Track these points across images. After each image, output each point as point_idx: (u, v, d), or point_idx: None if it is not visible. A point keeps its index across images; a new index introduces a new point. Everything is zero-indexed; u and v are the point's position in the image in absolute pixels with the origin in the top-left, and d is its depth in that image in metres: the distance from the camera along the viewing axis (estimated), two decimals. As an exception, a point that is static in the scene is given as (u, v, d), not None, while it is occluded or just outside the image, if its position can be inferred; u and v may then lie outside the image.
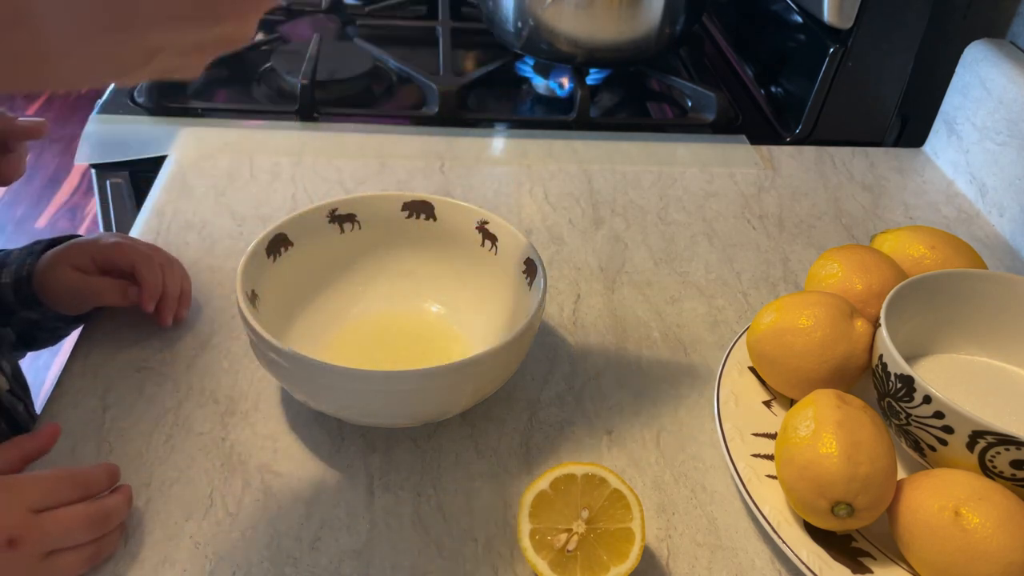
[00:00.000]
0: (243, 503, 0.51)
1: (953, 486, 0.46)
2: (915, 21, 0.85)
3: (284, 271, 0.59)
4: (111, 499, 0.47)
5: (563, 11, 0.90)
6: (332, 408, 0.52)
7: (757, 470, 0.53)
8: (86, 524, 0.45)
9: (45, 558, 0.44)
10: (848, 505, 0.46)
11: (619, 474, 0.48)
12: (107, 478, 0.48)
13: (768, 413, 0.57)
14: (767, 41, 1.01)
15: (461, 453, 0.55)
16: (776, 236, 0.78)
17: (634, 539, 0.46)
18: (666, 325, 0.66)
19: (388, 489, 0.52)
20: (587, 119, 0.91)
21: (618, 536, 0.46)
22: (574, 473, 0.48)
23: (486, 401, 0.57)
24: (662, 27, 0.93)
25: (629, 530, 0.46)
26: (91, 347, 0.60)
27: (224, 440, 0.55)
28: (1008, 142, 0.80)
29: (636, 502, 0.47)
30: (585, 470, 0.48)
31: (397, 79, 0.97)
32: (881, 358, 0.52)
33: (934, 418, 0.49)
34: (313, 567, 0.48)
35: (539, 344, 0.63)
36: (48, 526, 0.44)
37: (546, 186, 0.81)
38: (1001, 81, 0.81)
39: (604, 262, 0.72)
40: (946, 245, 0.63)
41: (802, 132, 0.92)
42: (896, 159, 0.91)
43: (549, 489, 0.47)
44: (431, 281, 0.64)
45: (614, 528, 0.46)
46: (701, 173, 0.85)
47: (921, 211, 0.84)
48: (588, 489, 0.47)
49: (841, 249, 0.62)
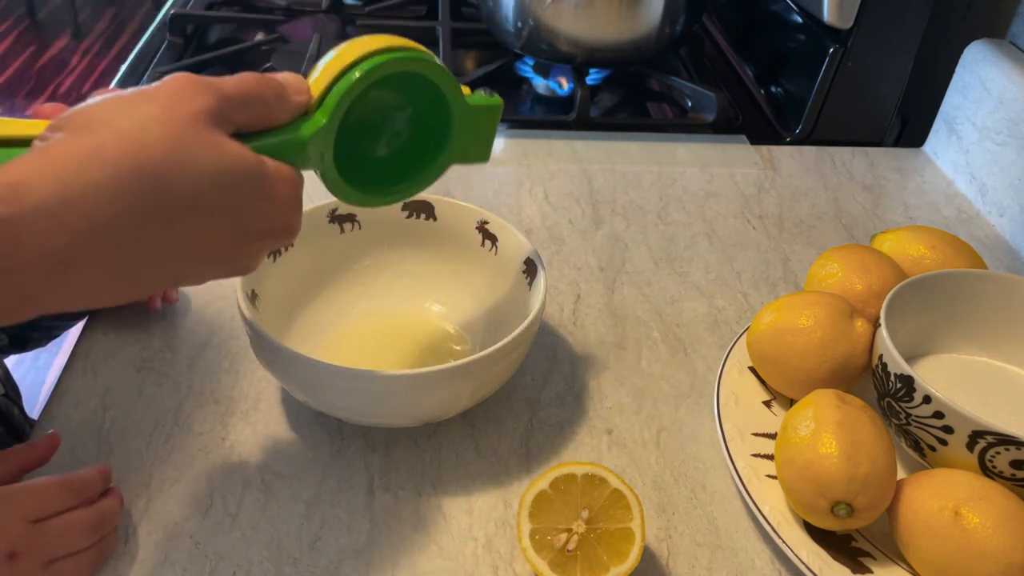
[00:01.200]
0: (243, 503, 0.51)
1: (953, 486, 0.46)
2: (915, 21, 0.85)
3: (284, 271, 0.59)
4: (105, 502, 0.47)
5: (563, 11, 0.90)
6: (332, 408, 0.52)
7: (757, 470, 0.53)
8: (84, 529, 0.45)
9: (47, 567, 0.44)
10: (848, 505, 0.46)
11: (619, 474, 0.48)
12: (101, 480, 0.48)
13: (768, 413, 0.57)
14: (767, 41, 1.01)
15: (461, 453, 0.55)
16: (776, 236, 0.78)
17: (634, 539, 0.46)
18: (666, 325, 0.66)
19: (388, 489, 0.52)
20: (587, 119, 0.91)
21: (618, 536, 0.46)
22: (574, 473, 0.48)
23: (486, 401, 0.57)
24: (662, 27, 0.93)
25: (629, 530, 0.46)
26: (91, 347, 0.60)
27: (224, 440, 0.55)
28: (1008, 142, 0.80)
29: (636, 502, 0.47)
30: (585, 470, 0.48)
31: (397, 79, 0.97)
32: (881, 358, 0.52)
33: (934, 418, 0.49)
34: (313, 567, 0.48)
35: (539, 344, 0.63)
36: (47, 535, 0.44)
37: (546, 186, 0.81)
38: (1001, 81, 0.81)
39: (604, 262, 0.72)
40: (946, 245, 0.63)
41: (802, 132, 0.92)
42: (896, 159, 0.91)
43: (549, 489, 0.47)
44: (431, 281, 0.64)
45: (614, 528, 0.46)
46: (701, 173, 0.85)
47: (921, 211, 0.84)
48: (588, 489, 0.47)
49: (841, 249, 0.62)
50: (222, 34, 1.07)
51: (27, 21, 3.37)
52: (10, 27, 3.32)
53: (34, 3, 3.42)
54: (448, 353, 0.60)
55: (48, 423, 0.55)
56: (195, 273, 0.39)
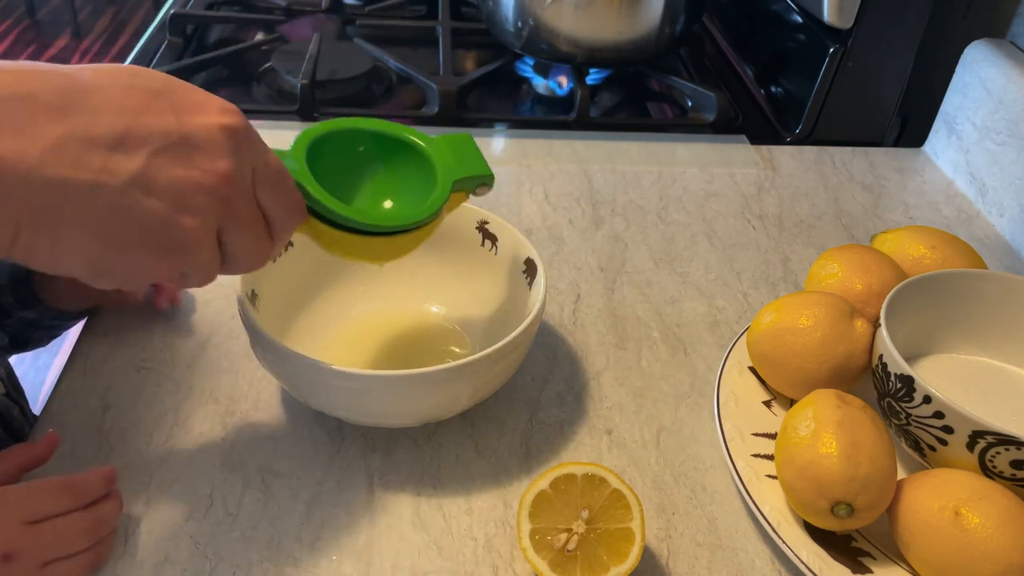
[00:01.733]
0: (243, 503, 0.51)
1: (953, 486, 0.46)
2: (915, 21, 0.85)
3: (284, 271, 0.59)
4: (104, 505, 0.47)
5: (563, 11, 0.90)
6: (332, 408, 0.52)
7: (757, 470, 0.53)
8: (81, 533, 0.45)
9: (43, 569, 0.44)
10: (848, 505, 0.46)
11: (619, 474, 0.48)
12: (103, 483, 0.48)
13: (768, 413, 0.57)
14: (767, 41, 1.01)
15: (461, 453, 0.55)
16: (776, 236, 0.78)
17: (634, 539, 0.46)
18: (666, 325, 0.66)
19: (388, 489, 0.52)
20: (587, 119, 0.91)
21: (618, 536, 0.46)
22: (574, 473, 0.48)
23: (486, 401, 0.57)
24: (662, 27, 0.93)
25: (629, 530, 0.46)
26: (91, 347, 0.60)
27: (224, 440, 0.55)
28: (1008, 142, 0.80)
29: (636, 502, 0.47)
30: (585, 470, 0.48)
31: (397, 79, 0.97)
32: (881, 358, 0.52)
33: (934, 418, 0.49)
34: (313, 567, 0.48)
35: (539, 344, 0.63)
36: (44, 537, 0.44)
37: (546, 186, 0.81)
38: (1001, 81, 0.81)
39: (604, 262, 0.72)
40: (946, 245, 0.63)
41: (802, 132, 0.92)
42: (896, 159, 0.91)
43: (549, 489, 0.47)
44: (431, 281, 0.64)
45: (614, 528, 0.46)
46: (701, 173, 0.85)
47: (921, 211, 0.84)
48: (588, 489, 0.47)
49: (841, 249, 0.62)
50: (222, 34, 1.07)
51: (27, 21, 3.38)
52: (10, 27, 3.32)
53: (34, 3, 3.42)
54: (448, 353, 0.60)
55: (48, 423, 0.55)
56: None
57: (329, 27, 1.06)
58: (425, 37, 1.06)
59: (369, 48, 0.99)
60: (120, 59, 3.10)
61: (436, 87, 0.89)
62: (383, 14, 1.11)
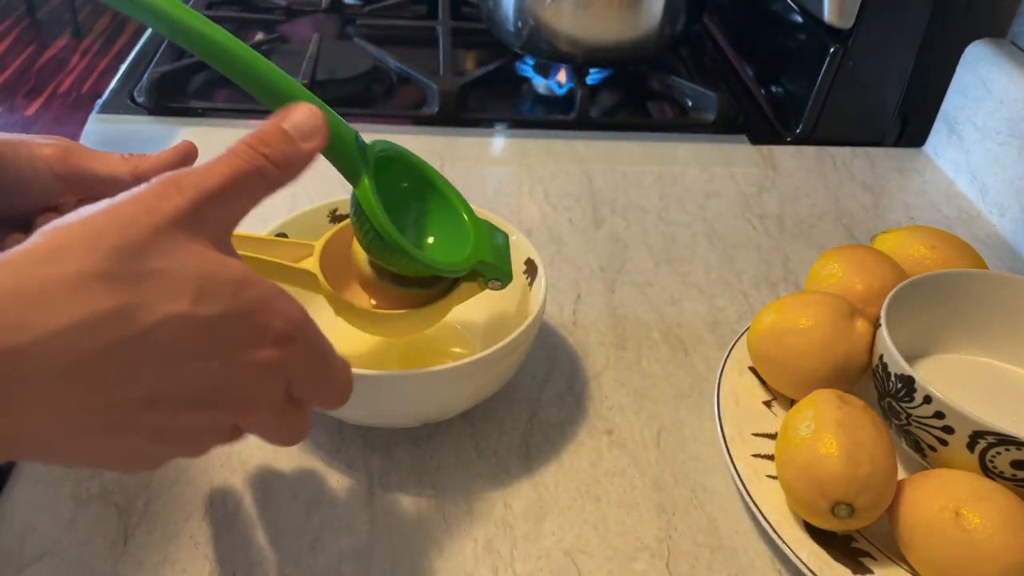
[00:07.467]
0: (243, 503, 0.51)
1: (954, 486, 0.46)
2: (915, 21, 0.85)
3: (284, 271, 0.58)
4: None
5: (563, 11, 0.90)
6: (332, 408, 0.52)
7: (757, 470, 0.53)
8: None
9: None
10: (848, 505, 0.46)
11: (619, 473, 0.48)
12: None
13: (768, 413, 0.57)
14: (767, 41, 1.01)
15: (461, 453, 0.55)
16: (776, 236, 0.78)
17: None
18: (666, 325, 0.66)
19: (388, 489, 0.52)
20: (587, 119, 0.91)
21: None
22: None
23: (486, 401, 0.57)
24: (662, 27, 0.93)
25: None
26: (91, 347, 0.60)
27: (224, 440, 0.55)
28: (1009, 142, 0.80)
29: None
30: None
31: (397, 79, 0.97)
32: (881, 358, 0.52)
33: (934, 418, 0.49)
34: (313, 567, 0.48)
35: (539, 344, 0.63)
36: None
37: (546, 186, 0.81)
38: (1002, 81, 0.81)
39: (604, 262, 0.72)
40: (947, 245, 0.63)
41: (803, 132, 0.92)
42: (897, 159, 0.91)
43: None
44: (431, 281, 0.64)
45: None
46: (701, 173, 0.85)
47: (922, 211, 0.84)
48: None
49: (841, 249, 0.62)
50: (222, 34, 1.07)
51: (27, 21, 3.38)
52: (10, 27, 3.32)
53: (34, 3, 3.42)
54: (449, 353, 0.60)
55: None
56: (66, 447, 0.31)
57: (329, 27, 1.06)
58: (425, 37, 1.06)
59: (369, 48, 0.99)
60: (120, 59, 3.09)
61: (436, 87, 0.89)
62: (383, 14, 1.11)
